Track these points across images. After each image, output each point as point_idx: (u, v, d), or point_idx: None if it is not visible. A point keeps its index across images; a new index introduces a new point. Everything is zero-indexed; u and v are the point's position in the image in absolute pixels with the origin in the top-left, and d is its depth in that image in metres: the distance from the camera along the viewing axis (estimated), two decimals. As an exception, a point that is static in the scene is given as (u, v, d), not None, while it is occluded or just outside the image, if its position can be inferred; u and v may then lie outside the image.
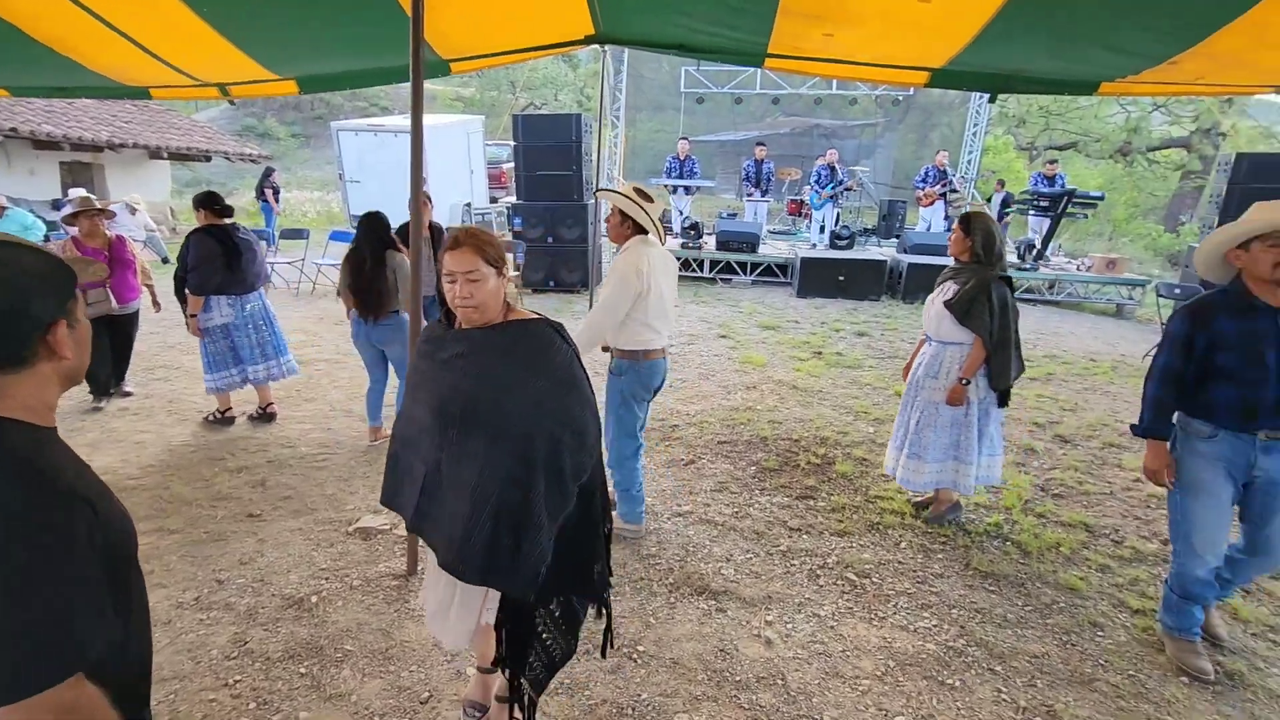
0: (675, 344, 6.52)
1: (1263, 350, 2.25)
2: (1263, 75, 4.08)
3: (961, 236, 3.18)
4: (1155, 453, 2.47)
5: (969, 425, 3.22)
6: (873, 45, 3.99)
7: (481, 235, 1.70)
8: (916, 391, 3.33)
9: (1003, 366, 3.12)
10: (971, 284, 3.09)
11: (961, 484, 3.28)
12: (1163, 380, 2.43)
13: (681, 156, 11.03)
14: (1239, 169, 7.92)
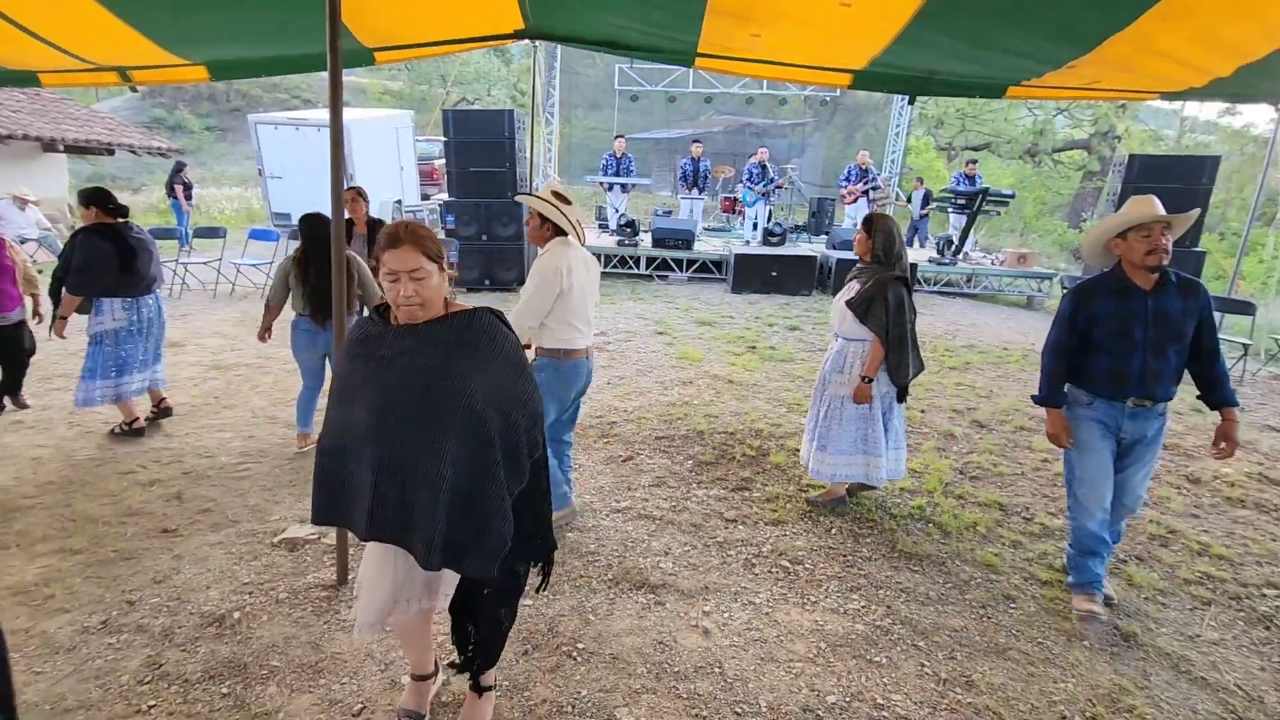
0: (613, 341, 6.54)
1: (1132, 327, 2.56)
2: (1148, 82, 4.40)
3: (864, 238, 3.31)
4: (1054, 419, 2.77)
5: (874, 419, 3.34)
6: (798, 46, 4.11)
7: (420, 231, 1.68)
8: (824, 386, 3.45)
9: (900, 363, 3.24)
10: (871, 284, 3.22)
11: (872, 476, 3.39)
12: (1054, 354, 2.74)
13: (618, 154, 11.05)
14: (1131, 169, 8.55)
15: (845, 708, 2.26)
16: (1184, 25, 3.33)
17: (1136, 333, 2.55)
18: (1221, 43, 3.64)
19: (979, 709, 2.27)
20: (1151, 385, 2.58)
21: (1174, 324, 2.56)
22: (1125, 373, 2.59)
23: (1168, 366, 2.57)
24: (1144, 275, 2.55)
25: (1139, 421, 2.63)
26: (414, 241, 1.63)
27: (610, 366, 5.80)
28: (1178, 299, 2.56)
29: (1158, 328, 2.55)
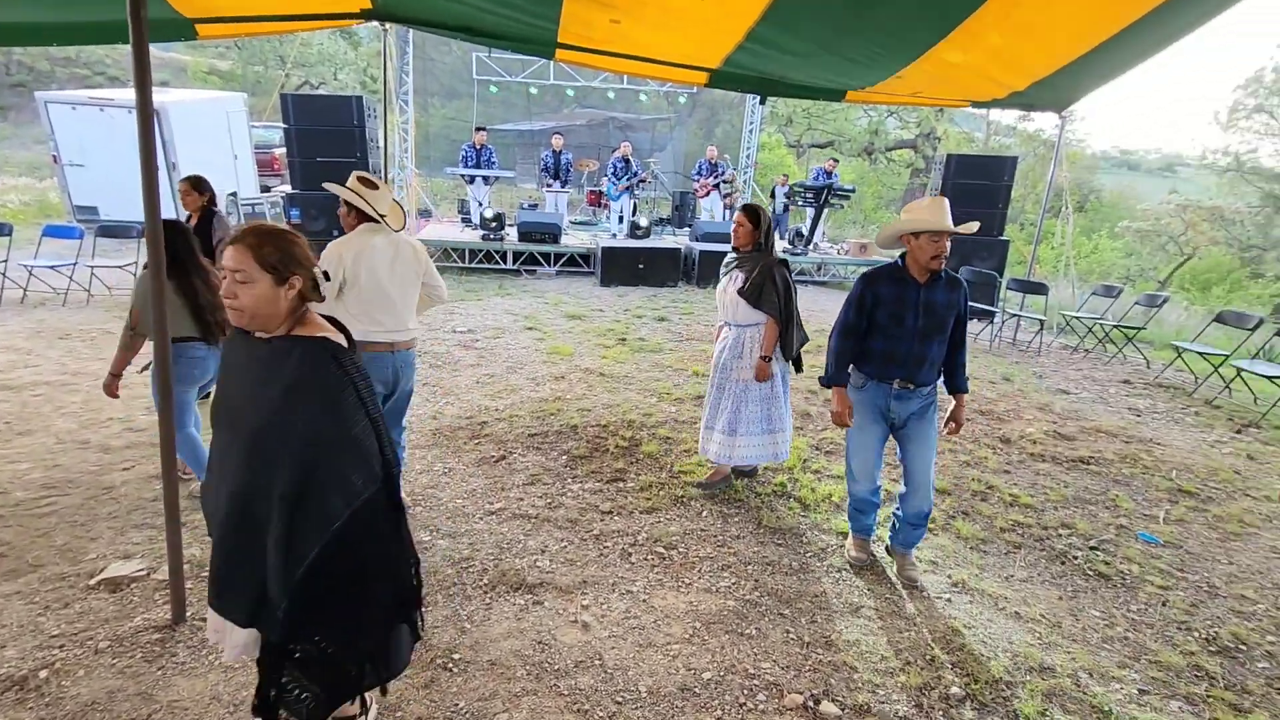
0: (481, 339, 6.37)
1: (905, 314, 2.78)
2: (961, 92, 4.95)
3: (750, 228, 3.46)
4: (840, 398, 2.96)
5: (776, 397, 3.55)
6: (656, 40, 4.19)
7: (264, 234, 1.52)
8: (726, 374, 3.55)
9: (789, 339, 3.49)
10: (759, 270, 3.39)
11: (781, 452, 3.60)
12: (843, 334, 2.91)
13: (478, 146, 10.71)
14: (949, 167, 9.58)
15: (720, 681, 2.36)
16: (988, 44, 3.78)
17: (909, 319, 2.77)
18: (1018, 60, 4.17)
19: (837, 665, 2.47)
20: (914, 370, 2.80)
21: (939, 315, 2.79)
22: (895, 355, 2.81)
23: (930, 354, 2.81)
24: (921, 270, 2.78)
25: (903, 403, 2.86)
26: (248, 243, 1.50)
27: (479, 365, 5.65)
28: (944, 293, 2.79)
29: (926, 317, 2.77)
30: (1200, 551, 3.46)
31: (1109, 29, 3.52)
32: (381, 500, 1.55)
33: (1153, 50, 3.84)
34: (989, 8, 3.33)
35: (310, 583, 1.45)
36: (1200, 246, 20.21)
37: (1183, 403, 5.97)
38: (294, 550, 1.45)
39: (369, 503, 1.51)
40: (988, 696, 2.36)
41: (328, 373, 1.51)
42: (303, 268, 1.55)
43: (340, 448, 1.49)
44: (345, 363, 1.53)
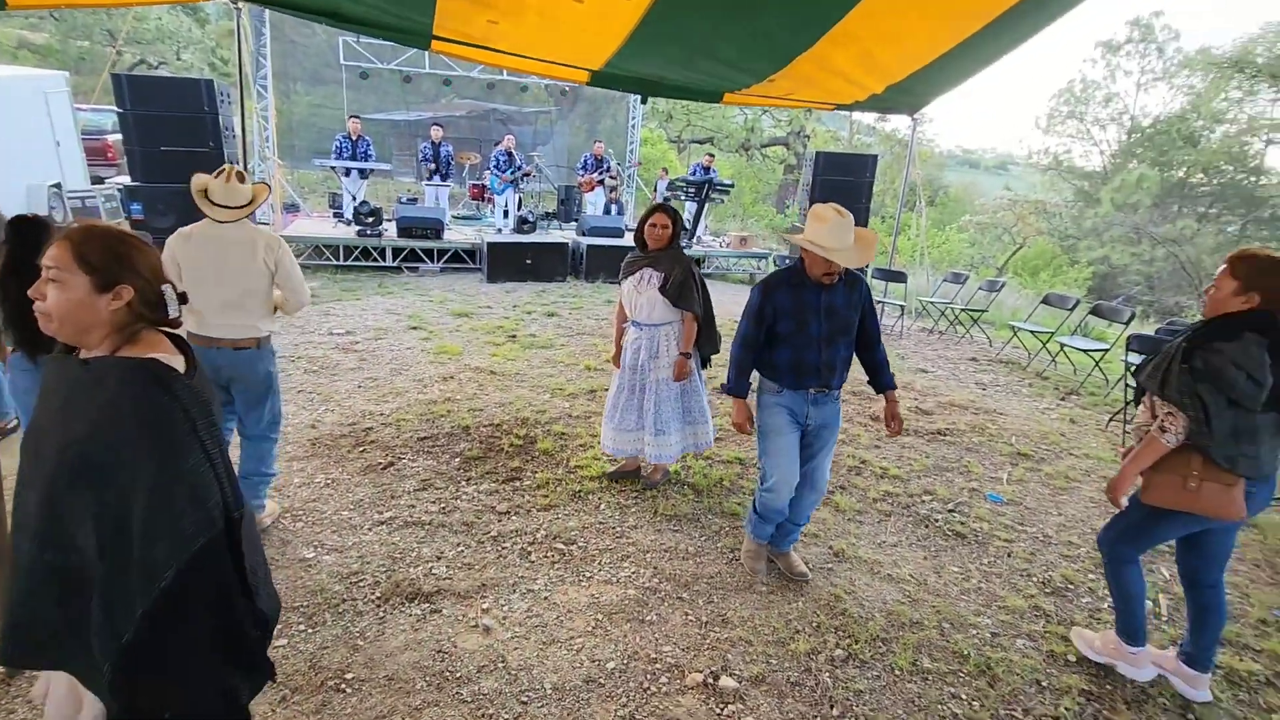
0: (361, 340, 6.05)
1: (808, 320, 2.70)
2: (827, 95, 5.28)
3: (673, 230, 3.45)
4: (740, 409, 2.90)
5: (695, 390, 3.62)
6: (536, 40, 4.16)
7: (93, 232, 1.31)
8: (643, 375, 3.54)
9: (709, 336, 3.57)
10: (679, 269, 3.41)
11: (702, 442, 3.67)
12: (744, 346, 2.83)
13: (353, 136, 10.11)
14: (819, 164, 10.20)
15: (624, 669, 2.42)
16: (850, 50, 4.06)
17: (812, 326, 2.69)
18: (876, 66, 4.50)
19: (734, 641, 2.60)
20: (827, 375, 2.73)
21: (842, 317, 2.73)
22: (804, 364, 2.72)
23: (839, 357, 2.75)
24: (814, 274, 2.71)
25: (820, 408, 2.79)
26: (71, 238, 1.29)
27: (361, 368, 5.37)
28: (844, 294, 2.73)
29: (829, 321, 2.71)
30: (1036, 506, 3.94)
31: (954, 39, 3.90)
32: (221, 547, 1.33)
33: (991, 59, 4.29)
34: (850, 20, 3.59)
35: (137, 649, 1.23)
36: (1029, 237, 22.81)
37: (1019, 376, 6.74)
38: (114, 612, 1.23)
39: (205, 552, 1.29)
40: (867, 654, 2.58)
41: (150, 400, 1.27)
42: (139, 278, 1.32)
43: (164, 490, 1.25)
44: (176, 389, 1.29)
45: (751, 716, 2.24)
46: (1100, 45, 23.90)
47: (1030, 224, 23.05)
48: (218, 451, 1.34)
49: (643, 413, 3.59)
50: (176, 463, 1.27)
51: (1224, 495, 2.18)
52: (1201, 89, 20.83)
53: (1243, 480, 2.17)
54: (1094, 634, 2.69)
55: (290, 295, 2.96)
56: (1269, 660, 2.71)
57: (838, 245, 2.57)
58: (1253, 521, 3.91)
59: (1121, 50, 23.44)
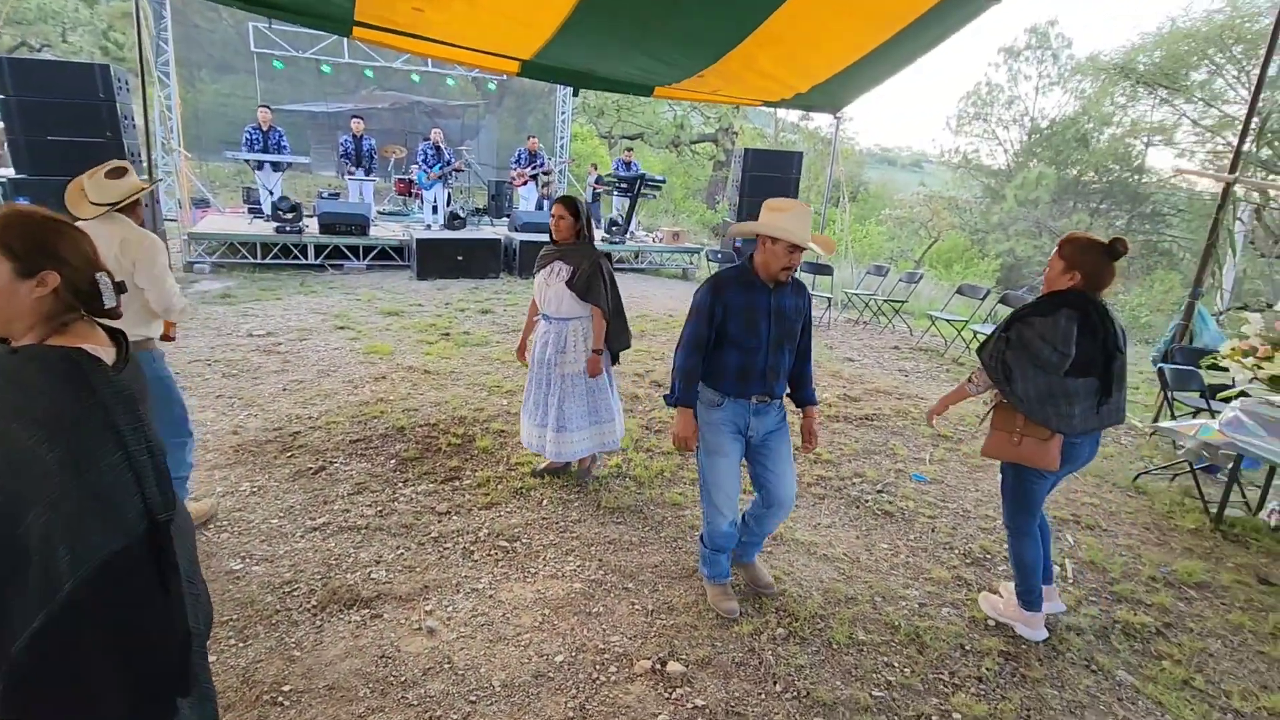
0: (284, 342, 5.78)
1: (759, 322, 2.50)
2: (753, 92, 5.41)
3: (572, 221, 3.39)
4: (685, 420, 2.59)
5: (603, 388, 3.56)
6: (464, 28, 4.08)
7: (16, 215, 1.24)
8: (550, 369, 3.48)
9: (619, 331, 3.53)
10: (587, 263, 3.37)
11: (609, 442, 3.64)
12: (691, 348, 2.56)
13: (264, 127, 9.60)
14: (747, 160, 10.43)
15: (572, 662, 2.43)
16: (776, 51, 4.18)
17: (762, 328, 2.51)
18: (800, 66, 4.65)
19: (680, 627, 2.66)
20: (771, 382, 2.57)
21: (789, 321, 2.57)
22: (752, 369, 2.53)
23: (783, 364, 2.59)
24: (770, 277, 2.53)
25: (762, 418, 2.61)
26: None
27: (285, 370, 5.13)
28: (792, 297, 2.58)
29: (779, 324, 2.54)
30: (956, 484, 4.18)
31: (872, 42, 4.08)
32: (140, 556, 1.22)
33: (906, 62, 4.51)
34: (775, 21, 3.70)
35: (34, 664, 1.12)
36: (943, 231, 24.05)
37: (938, 362, 7.12)
38: (11, 621, 1.12)
39: (118, 560, 1.18)
40: (806, 631, 2.69)
41: (63, 393, 1.17)
42: (66, 265, 1.25)
43: (70, 490, 1.14)
44: (95, 381, 1.20)
45: (699, 698, 2.30)
46: (1002, 51, 25.42)
47: (944, 219, 24.31)
48: (142, 449, 1.24)
49: (546, 408, 3.52)
50: (86, 462, 1.16)
51: (1041, 448, 2.49)
52: (1091, 94, 22.50)
53: (1058, 436, 2.47)
54: (998, 598, 2.91)
55: (152, 297, 2.72)
56: (1159, 613, 2.99)
57: (805, 234, 2.41)
58: (1141, 488, 4.30)
59: (1021, 56, 25.01)
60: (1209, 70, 16.37)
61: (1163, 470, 4.56)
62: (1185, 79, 16.86)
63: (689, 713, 2.24)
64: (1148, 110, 20.08)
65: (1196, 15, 15.93)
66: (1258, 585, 3.28)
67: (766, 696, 2.33)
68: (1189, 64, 16.52)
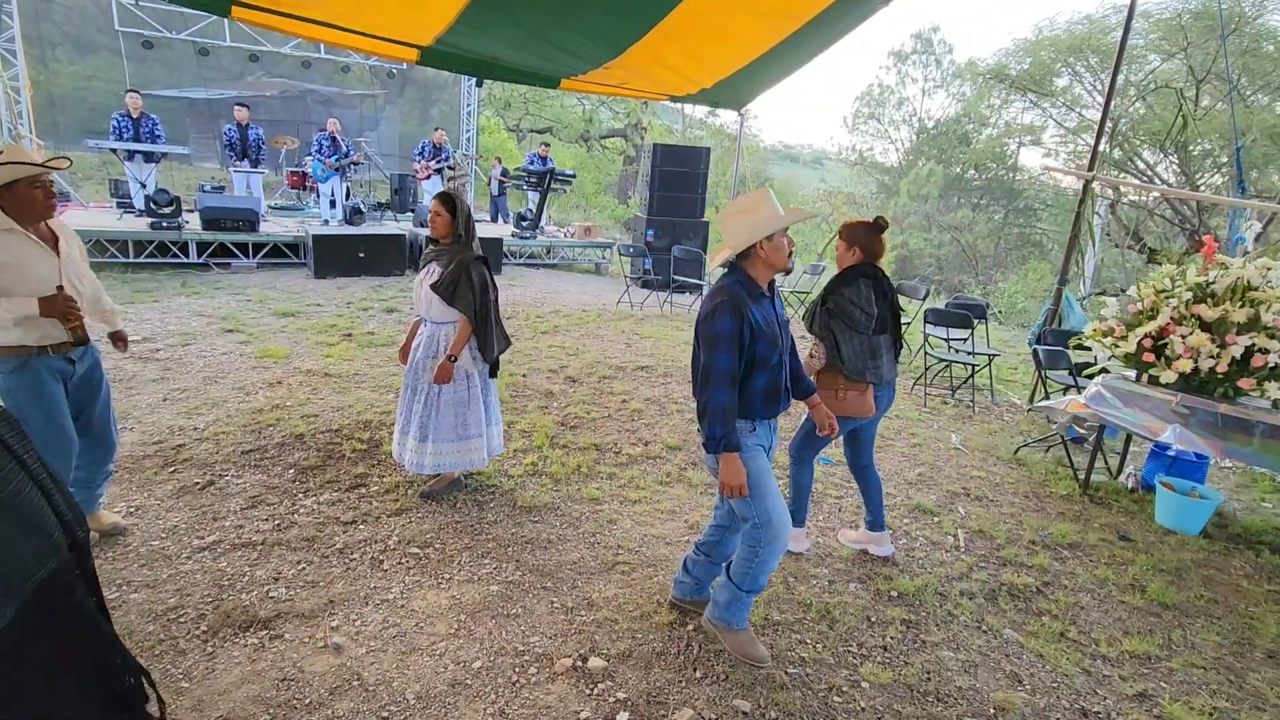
0: (164, 347, 5.32)
1: (776, 332, 2.32)
2: (660, 86, 5.45)
3: (448, 219, 3.22)
4: (736, 467, 2.22)
5: (473, 401, 3.32)
6: (356, 11, 3.87)
7: None
8: (418, 374, 3.29)
9: (488, 340, 3.29)
10: (454, 265, 3.17)
11: (474, 460, 3.37)
12: (729, 384, 2.21)
13: (135, 114, 8.77)
14: (657, 155, 10.51)
15: (491, 666, 2.38)
16: (680, 45, 4.22)
17: (781, 339, 2.33)
18: (705, 62, 4.72)
19: (600, 622, 2.65)
20: (786, 396, 2.42)
21: (785, 325, 2.42)
22: (778, 386, 2.35)
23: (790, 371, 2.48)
24: (768, 276, 2.35)
25: (774, 434, 2.47)
26: None
27: (165, 379, 4.72)
28: (777, 299, 2.47)
29: (784, 333, 2.39)
30: (860, 465, 4.40)
31: (773, 38, 4.19)
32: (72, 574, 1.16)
33: (806, 59, 4.67)
34: (678, 15, 3.73)
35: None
36: (844, 225, 25.19)
37: (842, 351, 7.46)
38: None
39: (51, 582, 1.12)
40: (724, 616, 2.74)
41: None
42: None
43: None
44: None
45: (621, 691, 2.30)
46: (892, 54, 26.91)
47: (844, 214, 25.47)
48: (40, 467, 1.16)
49: (410, 415, 3.33)
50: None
51: (861, 399, 2.94)
52: (970, 97, 24.20)
53: (871, 387, 2.94)
54: (852, 531, 3.41)
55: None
56: (1038, 573, 3.26)
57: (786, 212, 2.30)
58: (1021, 460, 4.68)
59: (909, 59, 26.57)
60: (1070, 77, 17.97)
61: (1039, 443, 4.98)
62: (1050, 85, 18.43)
63: (611, 707, 2.24)
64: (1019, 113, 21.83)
65: (1059, 27, 17.41)
66: (1119, 542, 3.64)
67: (687, 683, 2.37)
68: (1053, 71, 18.07)
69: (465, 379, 3.32)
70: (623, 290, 8.96)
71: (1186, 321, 3.69)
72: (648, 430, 4.60)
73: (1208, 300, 3.68)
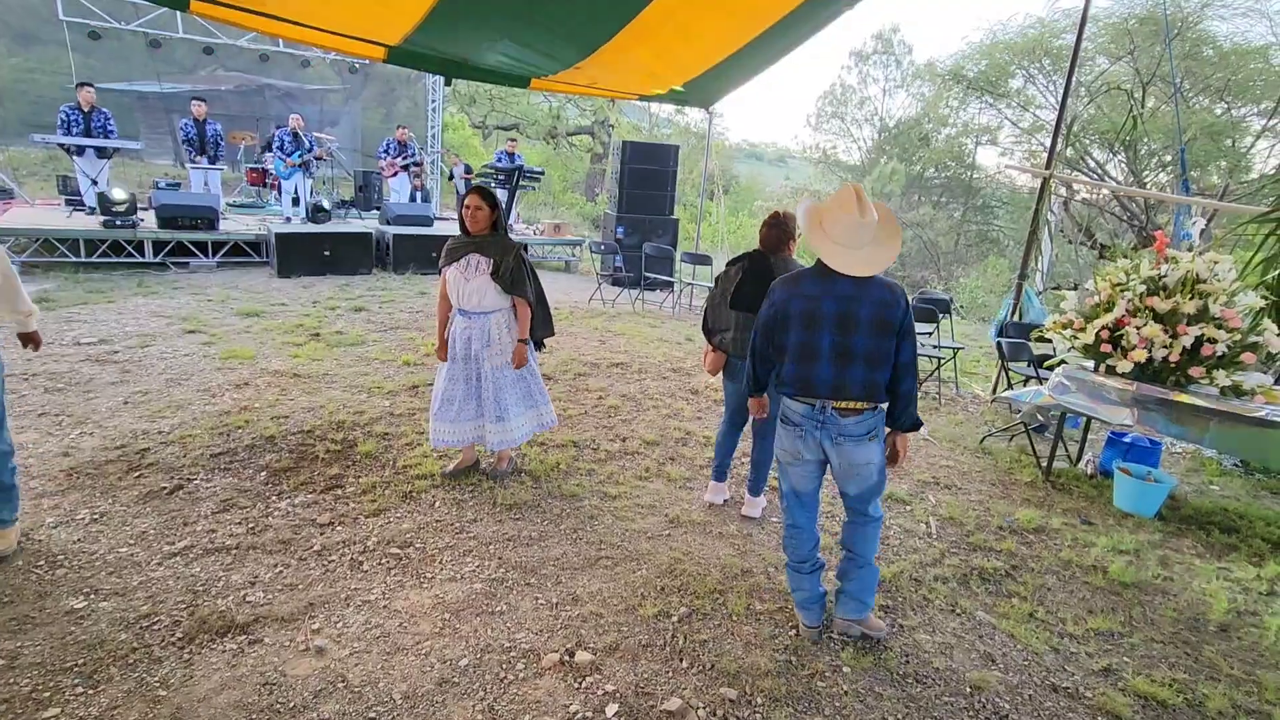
0: (121, 349, 5.14)
1: None
2: (629, 85, 5.46)
3: (489, 212, 3.34)
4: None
5: (533, 372, 3.64)
6: (321, 8, 3.80)
7: None
8: (478, 364, 3.45)
9: (544, 318, 3.59)
10: (511, 255, 3.35)
11: (546, 421, 3.72)
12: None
13: (86, 108, 8.43)
14: (626, 153, 10.52)
15: (478, 664, 2.37)
16: (650, 45, 4.24)
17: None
18: (675, 61, 4.75)
19: (585, 616, 2.66)
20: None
21: None
22: None
23: None
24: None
25: None
26: None
27: (125, 381, 4.57)
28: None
29: None
30: (833, 457, 4.48)
31: (742, 39, 4.24)
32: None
33: (772, 59, 4.73)
34: (648, 14, 3.75)
35: None
36: (810, 223, 25.51)
37: (811, 346, 7.58)
38: None
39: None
40: (708, 607, 2.78)
41: None
42: None
43: None
44: None
45: (609, 684, 2.32)
46: (854, 55, 27.35)
47: (809, 211, 25.81)
48: None
49: (482, 401, 3.51)
50: None
51: (713, 359, 3.42)
52: (930, 97, 24.76)
53: (723, 354, 3.37)
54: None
55: None
56: (1006, 557, 3.38)
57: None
58: (987, 449, 4.83)
59: (870, 60, 27.04)
60: (1024, 78, 18.52)
61: (1003, 433, 5.15)
62: (1005, 86, 18.97)
63: (599, 699, 2.25)
64: (976, 113, 22.40)
65: (1014, 30, 17.91)
66: (1080, 525, 3.79)
67: (674, 674, 2.40)
68: (1008, 73, 18.59)
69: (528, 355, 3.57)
70: (594, 288, 8.95)
71: (1141, 313, 3.85)
72: (624, 426, 4.62)
73: (1160, 293, 3.85)
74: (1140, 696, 2.48)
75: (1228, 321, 3.65)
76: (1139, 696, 2.48)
